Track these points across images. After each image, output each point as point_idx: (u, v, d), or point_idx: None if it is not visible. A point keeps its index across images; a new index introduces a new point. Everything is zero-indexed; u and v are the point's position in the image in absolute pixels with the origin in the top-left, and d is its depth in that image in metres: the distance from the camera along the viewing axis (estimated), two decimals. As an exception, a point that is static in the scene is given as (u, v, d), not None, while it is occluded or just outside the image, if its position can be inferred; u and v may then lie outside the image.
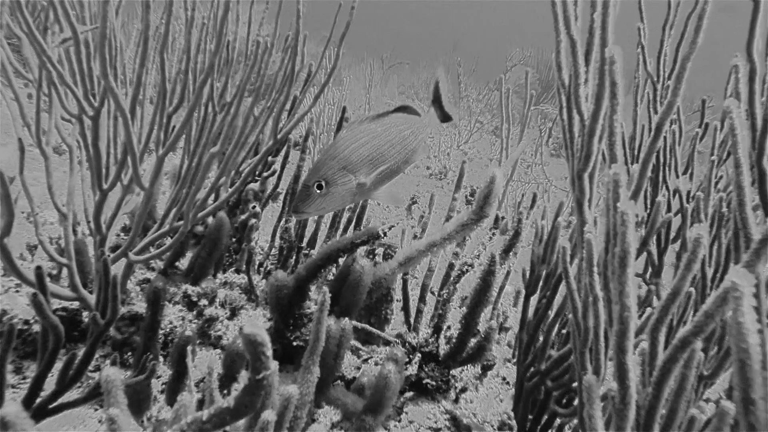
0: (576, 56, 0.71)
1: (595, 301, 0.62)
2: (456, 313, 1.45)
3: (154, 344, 0.96)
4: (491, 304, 1.46)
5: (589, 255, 0.63)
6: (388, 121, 1.11)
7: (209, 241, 1.36)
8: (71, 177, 1.08)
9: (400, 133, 1.11)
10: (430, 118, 1.18)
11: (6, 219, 0.94)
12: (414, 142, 1.13)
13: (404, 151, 1.12)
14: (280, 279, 1.10)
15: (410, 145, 1.13)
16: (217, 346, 1.25)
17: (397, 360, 1.03)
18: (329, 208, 1.05)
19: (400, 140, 1.11)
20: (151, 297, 0.89)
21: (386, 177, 1.11)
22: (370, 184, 1.08)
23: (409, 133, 1.12)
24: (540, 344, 1.00)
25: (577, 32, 0.73)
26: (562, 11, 0.73)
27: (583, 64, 0.71)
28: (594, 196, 0.73)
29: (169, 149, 0.85)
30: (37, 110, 0.98)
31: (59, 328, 0.75)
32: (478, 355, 1.28)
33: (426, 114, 1.18)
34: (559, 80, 0.77)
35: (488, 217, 1.25)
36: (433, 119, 1.18)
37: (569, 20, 0.72)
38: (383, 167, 1.09)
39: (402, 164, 1.13)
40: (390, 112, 1.14)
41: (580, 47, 0.72)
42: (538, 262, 1.09)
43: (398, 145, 1.10)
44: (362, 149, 1.06)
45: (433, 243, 1.25)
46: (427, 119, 1.17)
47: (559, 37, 0.74)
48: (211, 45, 1.17)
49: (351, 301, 1.08)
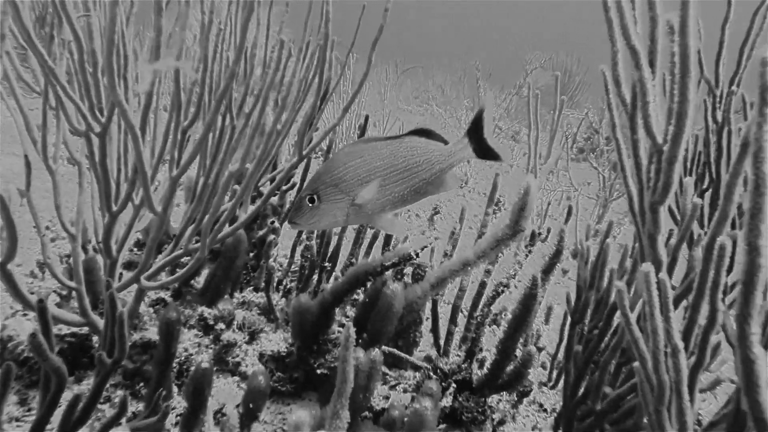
0: (642, 69, 0.61)
1: (675, 352, 0.52)
2: (487, 332, 1.36)
3: (168, 378, 0.89)
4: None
5: (666, 300, 0.53)
6: (398, 145, 0.98)
7: (226, 259, 1.28)
8: (80, 195, 1.00)
9: (409, 159, 0.98)
10: (459, 149, 1.01)
11: (9, 243, 0.87)
12: (427, 173, 0.99)
13: (413, 180, 0.98)
14: (303, 303, 1.02)
15: (421, 175, 0.99)
16: (235, 373, 1.17)
17: (433, 394, 0.94)
18: (321, 225, 0.98)
19: (408, 167, 0.98)
20: (164, 329, 0.81)
21: (389, 204, 0.99)
22: (368, 209, 0.97)
23: (422, 161, 0.99)
24: (595, 381, 0.90)
25: (640, 40, 0.63)
26: (618, 17, 0.63)
27: (650, 78, 0.62)
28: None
29: (183, 171, 0.78)
30: (44, 124, 0.91)
31: (61, 370, 0.67)
32: (516, 382, 1.18)
33: (455, 143, 1.02)
34: (618, 97, 0.67)
35: (524, 232, 1.16)
36: (464, 151, 1.01)
37: (627, 27, 0.62)
38: (385, 193, 0.97)
39: (410, 194, 1.00)
40: (406, 133, 1.01)
41: (644, 58, 0.62)
42: (585, 287, 0.99)
43: (405, 172, 0.98)
44: (360, 169, 0.95)
45: (467, 261, 1.16)
46: (454, 149, 1.01)
47: (616, 46, 0.65)
48: (228, 52, 1.09)
49: (381, 328, 0.99)
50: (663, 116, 0.60)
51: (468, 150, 1.01)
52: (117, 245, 0.94)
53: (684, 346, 0.53)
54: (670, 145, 0.58)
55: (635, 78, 0.60)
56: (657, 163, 0.60)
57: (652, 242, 0.61)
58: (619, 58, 0.66)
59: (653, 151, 0.61)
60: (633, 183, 0.72)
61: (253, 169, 0.80)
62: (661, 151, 0.59)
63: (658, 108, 0.60)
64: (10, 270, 0.91)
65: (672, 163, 0.58)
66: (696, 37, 0.55)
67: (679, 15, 0.55)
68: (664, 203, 0.60)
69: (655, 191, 0.60)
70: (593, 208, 2.88)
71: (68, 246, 1.45)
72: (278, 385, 1.15)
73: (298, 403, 1.17)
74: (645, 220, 0.62)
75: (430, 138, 1.01)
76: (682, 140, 0.57)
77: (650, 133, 0.60)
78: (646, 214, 0.61)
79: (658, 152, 0.59)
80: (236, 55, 0.74)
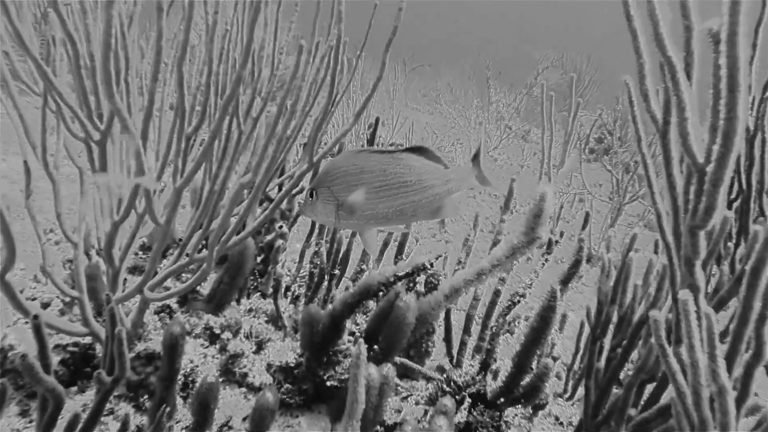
0: (679, 83, 0.56)
1: (721, 393, 0.48)
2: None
3: (172, 394, 0.85)
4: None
5: (711, 335, 0.48)
6: (392, 160, 0.91)
7: (232, 266, 1.24)
8: (82, 201, 0.97)
9: (401, 177, 0.91)
10: (464, 175, 0.93)
11: (7, 254, 0.84)
12: (419, 195, 0.92)
13: (403, 199, 0.91)
14: (313, 314, 0.98)
15: (412, 196, 0.91)
16: (242, 384, 1.14)
17: (448, 412, 0.90)
18: (318, 220, 0.95)
19: (399, 185, 0.91)
20: (168, 345, 0.77)
21: (375, 219, 0.92)
22: (354, 217, 0.91)
23: (415, 181, 0.91)
24: (618, 402, 0.85)
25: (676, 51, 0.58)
26: (653, 25, 0.58)
27: (689, 93, 0.57)
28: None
29: (187, 181, 0.74)
30: (43, 129, 0.88)
31: (57, 390, 0.63)
32: (532, 396, 1.14)
33: (458, 168, 0.94)
34: (647, 112, 0.63)
35: (540, 239, 1.12)
36: (469, 178, 0.93)
37: (663, 37, 0.57)
38: (372, 207, 0.91)
39: (396, 215, 0.92)
40: (403, 150, 0.93)
41: (681, 71, 0.57)
42: (607, 301, 0.95)
43: (395, 189, 0.91)
44: (351, 177, 0.90)
45: (482, 271, 1.11)
46: (456, 175, 0.93)
47: (642, 58, 0.60)
48: (235, 54, 1.05)
49: (393, 341, 0.95)
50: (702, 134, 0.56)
51: (472, 177, 0.93)
52: (120, 253, 0.91)
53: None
54: (715, 166, 0.53)
55: (670, 92, 0.55)
56: (697, 184, 0.55)
57: (690, 267, 0.56)
58: (646, 71, 0.61)
59: (693, 170, 0.56)
60: (660, 201, 0.68)
61: (261, 179, 0.76)
62: (703, 171, 0.54)
63: (697, 124, 0.55)
64: (8, 280, 0.87)
65: (717, 185, 0.53)
66: (747, 47, 0.49)
67: (728, 22, 0.50)
68: (706, 227, 0.56)
69: (695, 214, 0.56)
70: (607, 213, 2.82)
71: (72, 250, 1.42)
72: (287, 397, 1.11)
73: (307, 415, 1.13)
74: (680, 242, 0.57)
75: (426, 157, 0.93)
76: (730, 161, 0.52)
77: (689, 151, 0.55)
78: (683, 237, 0.57)
79: (699, 172, 0.55)
80: (243, 58, 0.71)
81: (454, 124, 4.85)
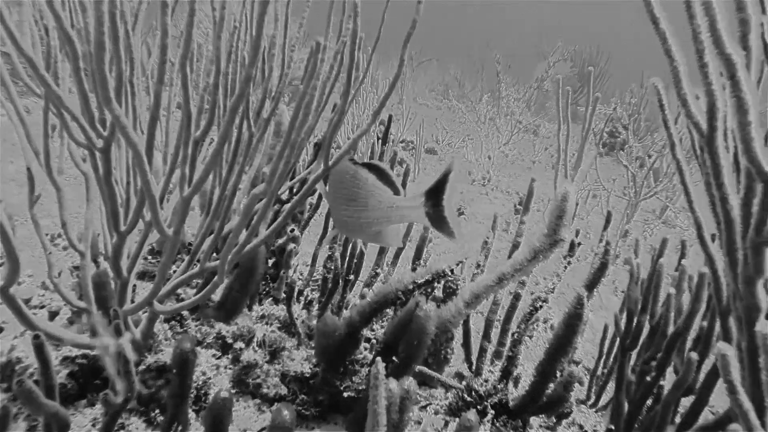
0: (738, 84, 0.50)
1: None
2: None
3: (184, 411, 0.81)
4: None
5: None
6: (349, 172, 0.83)
7: (243, 272, 1.20)
8: (88, 209, 0.93)
9: (352, 190, 0.84)
10: (409, 206, 0.81)
11: (11, 267, 0.80)
12: (361, 213, 0.84)
13: (350, 212, 0.84)
14: (329, 325, 0.94)
15: (356, 213, 0.84)
16: (256, 395, 1.10)
17: (472, 428, 0.85)
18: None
19: (349, 198, 0.84)
20: (179, 362, 0.74)
21: (337, 224, 0.88)
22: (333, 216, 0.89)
23: (360, 197, 0.83)
24: (657, 419, 0.80)
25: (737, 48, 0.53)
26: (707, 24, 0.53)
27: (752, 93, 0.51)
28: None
29: (196, 190, 0.70)
30: (45, 134, 0.84)
31: (60, 414, 0.60)
32: (556, 405, 1.09)
33: (408, 198, 0.82)
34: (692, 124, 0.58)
35: (563, 242, 1.07)
36: (414, 211, 0.81)
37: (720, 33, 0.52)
38: (334, 211, 0.87)
39: (345, 227, 0.86)
40: (362, 163, 0.84)
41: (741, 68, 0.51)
42: (637, 309, 0.90)
43: (347, 201, 0.84)
44: (331, 178, 0.87)
45: (503, 276, 1.07)
46: (402, 204, 0.82)
47: (676, 61, 0.55)
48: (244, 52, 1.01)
49: (413, 352, 0.91)
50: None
51: (419, 212, 0.80)
52: (128, 264, 0.87)
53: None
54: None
55: (729, 93, 0.49)
56: (763, 196, 0.50)
57: (751, 286, 0.51)
58: (682, 75, 0.56)
59: (756, 181, 0.51)
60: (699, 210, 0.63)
61: (275, 187, 0.72)
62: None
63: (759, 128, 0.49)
64: (12, 293, 0.84)
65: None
66: None
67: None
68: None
69: (760, 229, 0.51)
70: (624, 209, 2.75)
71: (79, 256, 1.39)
72: (302, 408, 1.08)
73: (323, 427, 1.09)
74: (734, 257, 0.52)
75: (379, 177, 0.83)
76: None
77: (754, 160, 0.49)
78: (742, 252, 0.52)
79: (765, 183, 0.49)
80: (252, 55, 0.66)
81: (463, 120, 4.78)
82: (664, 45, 0.56)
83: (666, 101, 0.66)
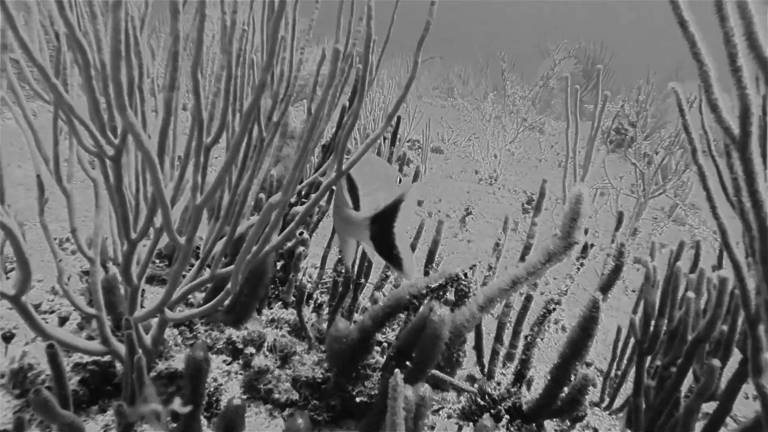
0: None
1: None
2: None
3: (197, 419, 0.80)
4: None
5: None
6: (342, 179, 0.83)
7: (252, 276, 1.19)
8: (97, 215, 0.93)
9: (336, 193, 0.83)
10: (355, 225, 0.78)
11: (22, 274, 0.80)
12: (335, 219, 0.84)
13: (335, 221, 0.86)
14: (341, 330, 0.93)
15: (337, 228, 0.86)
16: (267, 401, 1.09)
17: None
18: None
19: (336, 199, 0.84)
20: (191, 370, 0.73)
21: None
22: None
23: (334, 201, 0.84)
24: (678, 428, 0.79)
25: None
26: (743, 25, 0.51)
27: None
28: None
29: (208, 199, 0.69)
30: (55, 141, 0.83)
31: (75, 424, 0.59)
32: (570, 409, 1.08)
33: (354, 214, 0.79)
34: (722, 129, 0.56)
35: (577, 244, 1.06)
36: (357, 230, 0.79)
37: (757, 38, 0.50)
38: None
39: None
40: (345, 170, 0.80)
41: None
42: (654, 313, 0.88)
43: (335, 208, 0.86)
44: None
45: (517, 279, 1.05)
46: (353, 219, 0.79)
47: (706, 65, 0.54)
48: (253, 55, 1.00)
49: (427, 358, 0.90)
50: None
51: (364, 233, 0.77)
52: (138, 270, 0.86)
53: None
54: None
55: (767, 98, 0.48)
56: None
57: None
58: (713, 80, 0.55)
59: None
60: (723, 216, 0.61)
61: (289, 195, 0.71)
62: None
63: None
64: (24, 301, 0.83)
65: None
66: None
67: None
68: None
69: None
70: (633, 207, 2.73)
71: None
72: (314, 413, 1.07)
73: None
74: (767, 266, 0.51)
75: (351, 190, 0.80)
76: None
77: None
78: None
79: None
80: (267, 61, 0.65)
81: (468, 118, 4.76)
82: (693, 48, 0.54)
83: (686, 106, 0.64)
